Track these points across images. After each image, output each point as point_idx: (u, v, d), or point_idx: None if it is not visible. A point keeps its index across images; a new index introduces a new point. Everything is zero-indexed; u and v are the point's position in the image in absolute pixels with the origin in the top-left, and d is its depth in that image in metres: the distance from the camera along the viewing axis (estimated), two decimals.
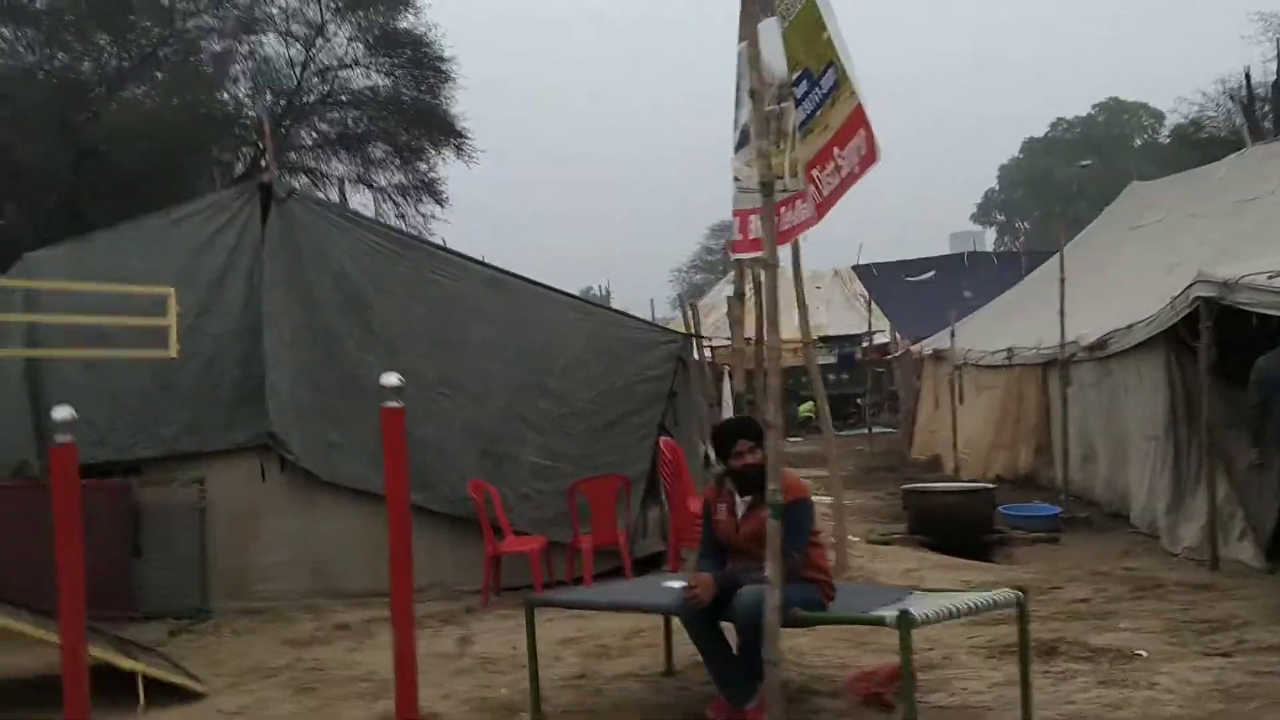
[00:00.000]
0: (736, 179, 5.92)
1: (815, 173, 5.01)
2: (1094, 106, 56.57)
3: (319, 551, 9.22)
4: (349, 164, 21.99)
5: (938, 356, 18.23)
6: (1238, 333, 8.81)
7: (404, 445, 4.35)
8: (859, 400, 26.93)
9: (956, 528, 10.50)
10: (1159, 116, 54.60)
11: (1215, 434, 9.07)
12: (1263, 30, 25.29)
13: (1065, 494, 12.29)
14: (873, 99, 4.72)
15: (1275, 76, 21.00)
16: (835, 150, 4.92)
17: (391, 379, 4.23)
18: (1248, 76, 18.90)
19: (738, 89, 5.96)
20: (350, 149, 21.79)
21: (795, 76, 4.76)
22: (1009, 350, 14.44)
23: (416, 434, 7.35)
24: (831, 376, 24.85)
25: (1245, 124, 16.59)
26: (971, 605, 5.02)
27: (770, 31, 5.40)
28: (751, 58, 4.36)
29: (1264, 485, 9.26)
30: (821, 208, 5.04)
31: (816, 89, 4.89)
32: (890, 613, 4.61)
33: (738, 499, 5.24)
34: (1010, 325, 15.59)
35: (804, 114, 4.95)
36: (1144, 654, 6.72)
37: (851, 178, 4.93)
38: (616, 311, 10.92)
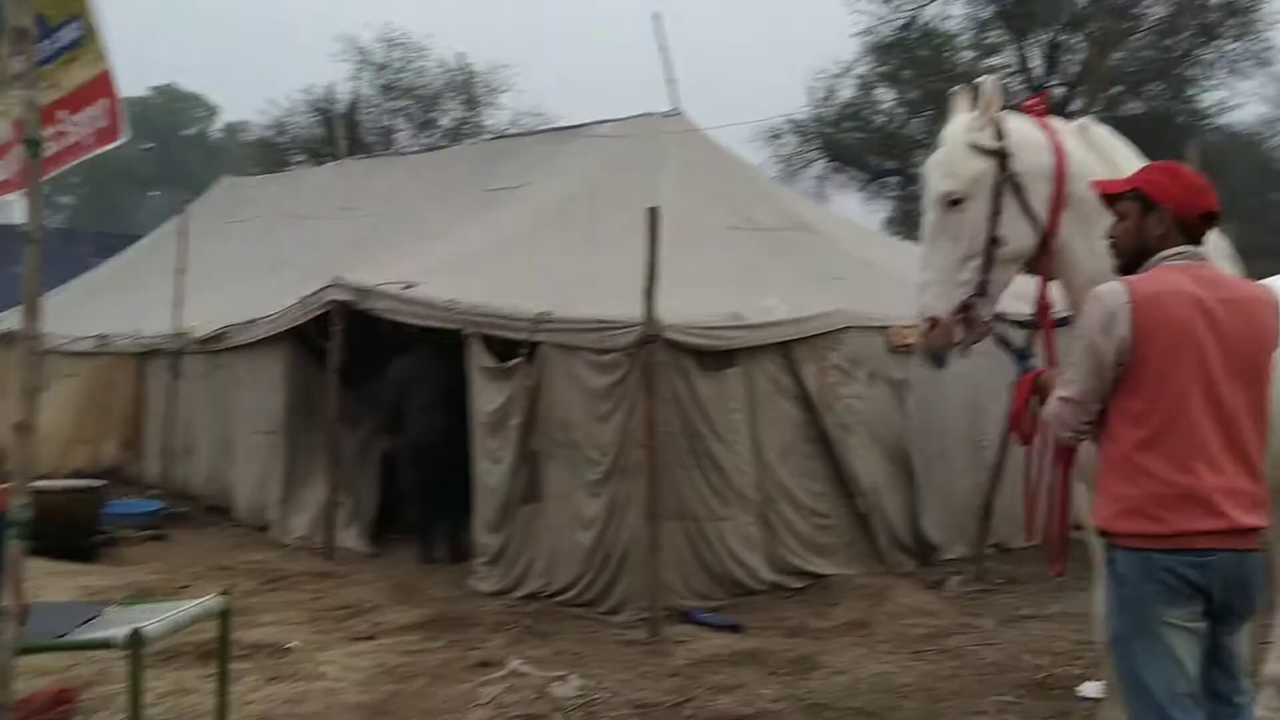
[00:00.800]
0: None
1: None
2: (152, 89, 55.69)
3: None
4: None
5: (5, 340, 16.42)
6: (356, 335, 9.49)
7: None
8: None
9: (63, 530, 9.58)
10: (214, 110, 55.83)
11: (334, 430, 9.65)
12: (344, 51, 27.28)
13: (164, 488, 12.00)
14: None
15: (354, 96, 23.02)
16: (62, 114, 4.27)
17: None
18: (332, 92, 20.42)
19: None
20: None
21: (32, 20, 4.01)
22: (100, 337, 13.59)
23: None
24: None
25: (333, 136, 17.80)
26: (192, 615, 4.74)
27: None
28: None
29: (366, 476, 10.16)
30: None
31: (49, 41, 4.19)
32: (117, 632, 4.15)
33: None
34: (99, 310, 14.68)
35: (25, 65, 4.20)
36: (296, 645, 6.94)
37: (79, 149, 4.32)
38: None
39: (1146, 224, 3.27)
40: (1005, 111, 3.88)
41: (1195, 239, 3.26)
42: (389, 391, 9.36)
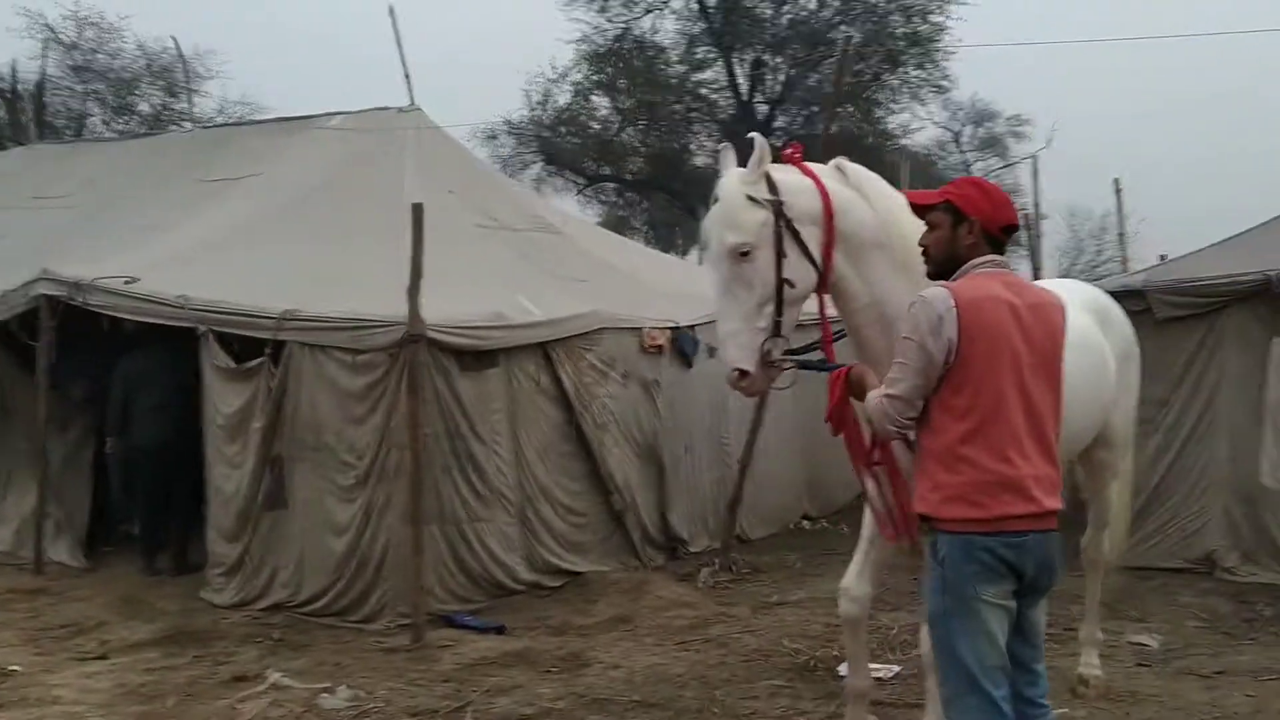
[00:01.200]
0: None
1: None
2: None
3: None
4: None
5: None
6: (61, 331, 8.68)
7: None
8: None
9: None
10: None
11: (41, 435, 8.81)
12: (28, 27, 24.67)
13: None
14: None
15: (41, 76, 20.85)
16: None
17: None
18: (15, 71, 18.37)
19: None
20: None
21: None
22: None
23: None
24: None
25: (18, 118, 16.15)
26: None
27: None
28: None
29: (77, 484, 9.34)
30: None
31: None
32: None
33: None
34: None
35: None
36: (18, 668, 6.34)
37: None
38: None
39: (957, 234, 3.53)
40: (771, 165, 4.01)
41: (999, 248, 3.55)
42: (116, 389, 8.65)
